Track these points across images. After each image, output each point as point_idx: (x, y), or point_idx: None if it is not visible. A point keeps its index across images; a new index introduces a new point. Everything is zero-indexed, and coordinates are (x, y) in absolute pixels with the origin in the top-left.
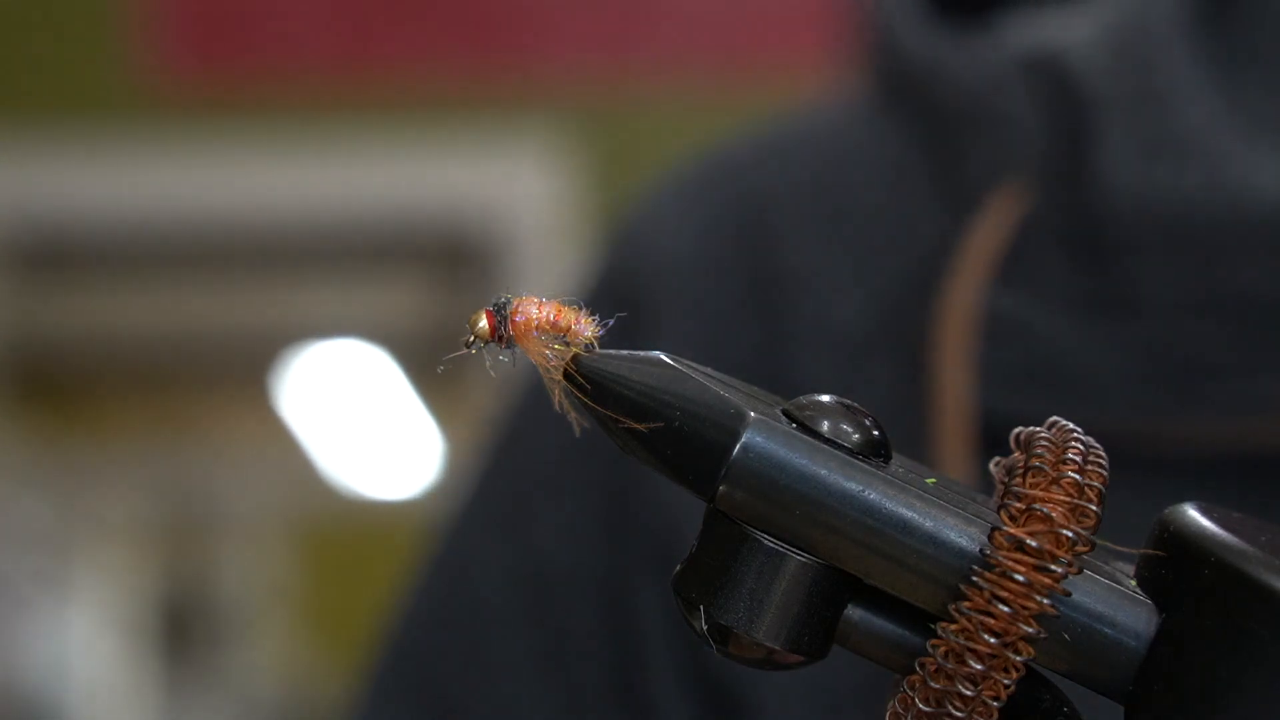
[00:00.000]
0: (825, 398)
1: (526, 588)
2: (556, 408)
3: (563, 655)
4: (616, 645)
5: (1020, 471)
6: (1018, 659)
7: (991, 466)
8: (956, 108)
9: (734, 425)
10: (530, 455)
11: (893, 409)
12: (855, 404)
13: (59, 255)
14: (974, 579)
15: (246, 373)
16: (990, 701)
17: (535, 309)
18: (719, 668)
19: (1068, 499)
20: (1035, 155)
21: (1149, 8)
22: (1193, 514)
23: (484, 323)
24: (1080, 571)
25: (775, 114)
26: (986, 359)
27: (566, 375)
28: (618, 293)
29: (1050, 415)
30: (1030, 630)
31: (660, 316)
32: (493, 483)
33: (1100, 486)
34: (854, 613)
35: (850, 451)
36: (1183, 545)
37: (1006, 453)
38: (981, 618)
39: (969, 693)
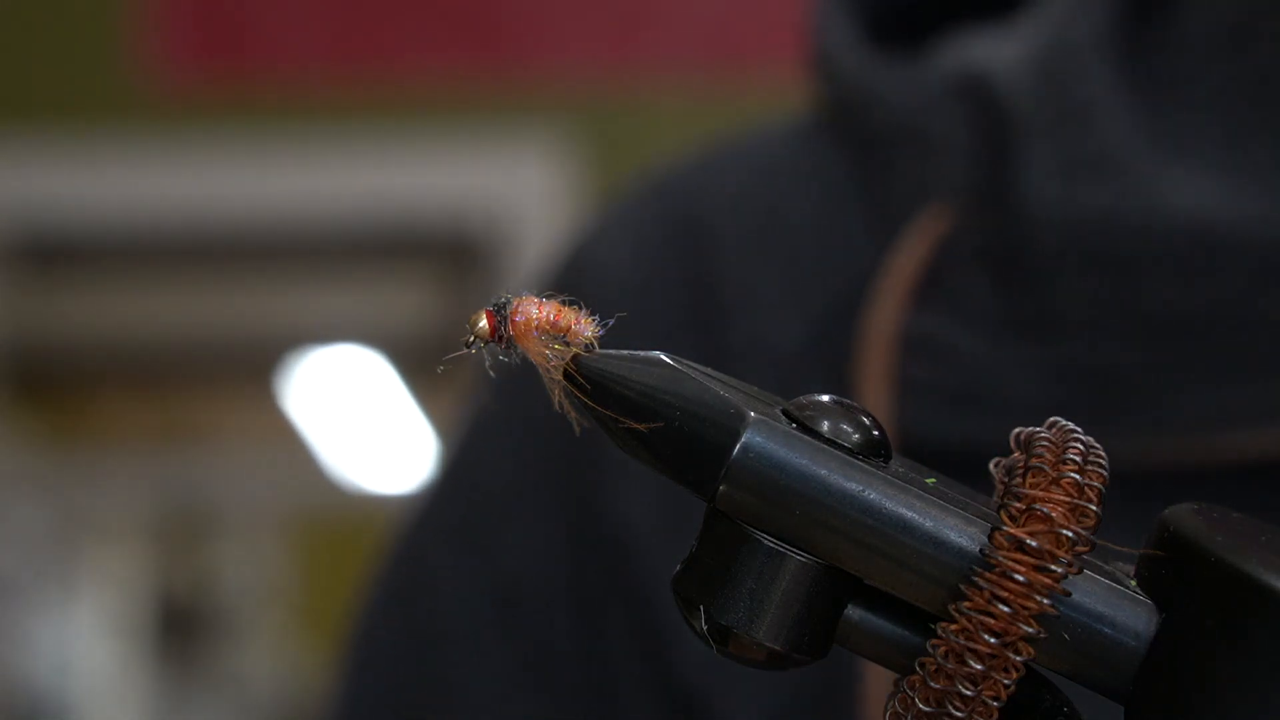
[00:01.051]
0: (825, 398)
1: (495, 604)
2: (556, 407)
3: (539, 670)
4: (588, 659)
5: (1020, 471)
6: (1018, 659)
7: (991, 467)
8: (885, 129)
9: (734, 425)
10: (487, 469)
11: None
12: (855, 404)
13: (59, 255)
14: (974, 579)
15: (248, 373)
16: (990, 701)
17: (535, 309)
18: (688, 680)
19: (1068, 499)
20: (959, 176)
21: (1071, 30)
22: (1193, 514)
23: (484, 323)
24: (1080, 571)
25: (717, 136)
26: (908, 379)
27: (566, 375)
28: None
29: (969, 436)
30: (1030, 630)
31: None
32: (449, 498)
33: (1100, 486)
34: (854, 613)
35: (850, 451)
36: (1183, 545)
37: None
38: (981, 618)
39: (969, 693)
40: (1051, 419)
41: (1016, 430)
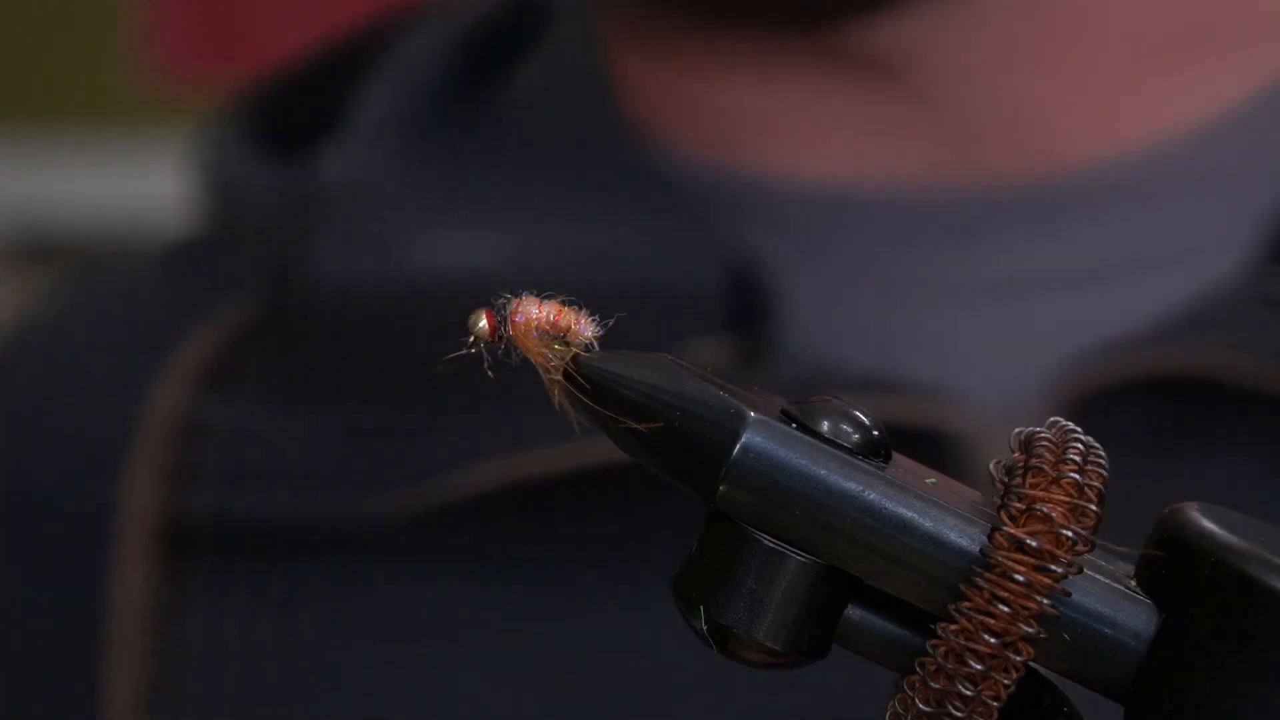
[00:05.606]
0: (825, 398)
1: None
2: (556, 408)
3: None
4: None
5: (1020, 471)
6: (1018, 659)
7: (991, 467)
8: (212, 232)
9: (734, 425)
10: None
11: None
12: (856, 404)
13: (59, 255)
14: (974, 579)
15: None
16: (990, 702)
17: (535, 309)
18: None
19: (1068, 499)
20: (269, 266)
21: (366, 114)
22: (1193, 514)
23: (484, 323)
24: (1080, 571)
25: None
26: (184, 466)
27: (566, 375)
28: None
29: (255, 511)
30: (1030, 630)
31: None
32: None
33: (1100, 486)
34: (854, 613)
35: (850, 451)
36: (1183, 545)
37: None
38: (981, 618)
39: (969, 693)
40: (1051, 419)
41: (1016, 430)
